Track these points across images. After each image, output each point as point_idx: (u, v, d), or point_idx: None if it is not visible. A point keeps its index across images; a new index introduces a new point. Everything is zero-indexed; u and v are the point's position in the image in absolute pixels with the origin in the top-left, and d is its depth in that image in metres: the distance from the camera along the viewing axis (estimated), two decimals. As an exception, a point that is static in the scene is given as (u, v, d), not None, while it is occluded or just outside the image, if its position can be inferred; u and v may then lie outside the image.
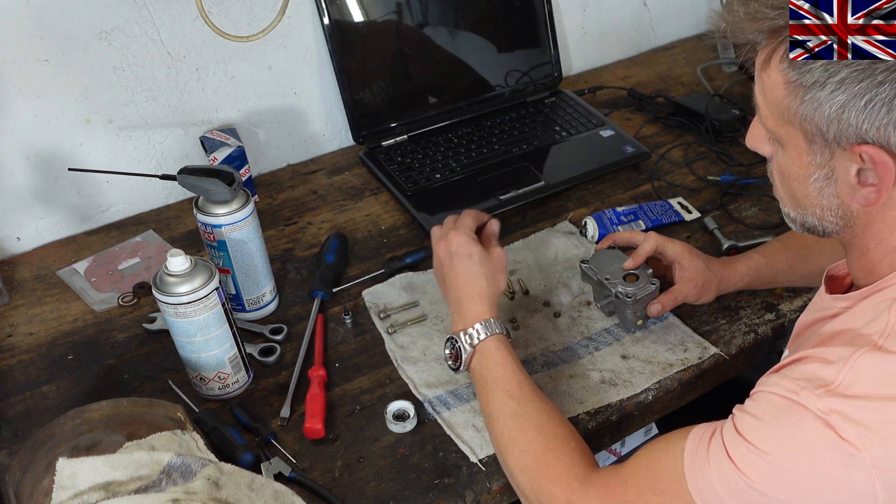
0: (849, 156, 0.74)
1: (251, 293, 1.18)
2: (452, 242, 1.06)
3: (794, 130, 0.77)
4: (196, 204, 1.12)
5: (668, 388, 1.09)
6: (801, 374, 0.74)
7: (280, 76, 1.47)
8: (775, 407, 0.74)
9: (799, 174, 0.79)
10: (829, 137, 0.74)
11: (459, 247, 1.06)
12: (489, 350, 1.00)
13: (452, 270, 1.05)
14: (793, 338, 0.96)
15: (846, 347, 0.73)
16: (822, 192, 0.78)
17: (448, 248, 1.06)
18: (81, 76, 1.29)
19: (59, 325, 1.22)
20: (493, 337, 1.00)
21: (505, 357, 0.99)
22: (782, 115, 0.77)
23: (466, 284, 1.03)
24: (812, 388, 0.72)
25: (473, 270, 1.04)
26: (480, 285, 1.03)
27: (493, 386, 0.97)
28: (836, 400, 0.70)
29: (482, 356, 1.00)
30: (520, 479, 0.91)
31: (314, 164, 1.55)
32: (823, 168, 0.77)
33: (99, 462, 0.85)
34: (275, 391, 1.11)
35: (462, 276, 1.04)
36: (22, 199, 1.33)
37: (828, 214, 0.80)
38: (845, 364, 0.71)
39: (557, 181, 1.43)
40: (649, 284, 1.12)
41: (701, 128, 1.55)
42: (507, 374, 0.98)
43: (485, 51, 1.58)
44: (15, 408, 1.10)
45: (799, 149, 0.78)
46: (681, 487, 0.78)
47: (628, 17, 1.82)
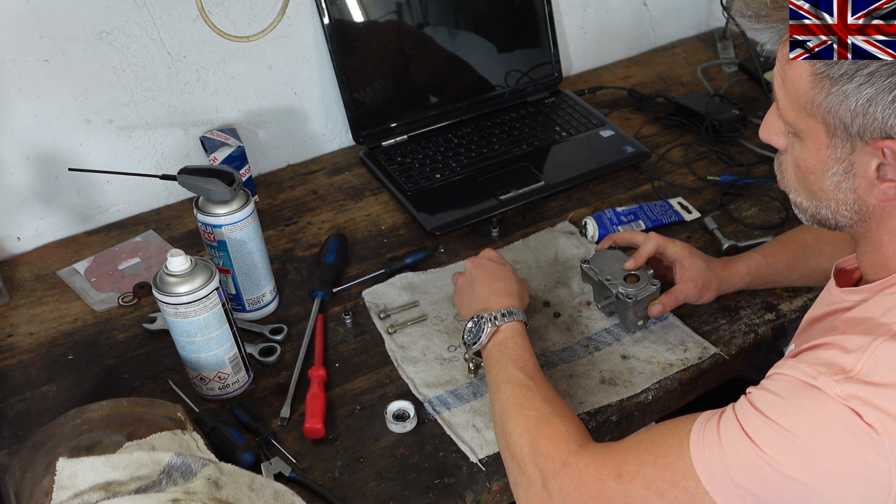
0: (870, 150, 0.73)
1: (251, 293, 1.18)
2: (486, 254, 1.16)
3: (816, 123, 0.76)
4: (196, 204, 1.12)
5: (668, 388, 1.09)
6: (819, 360, 0.73)
7: (280, 76, 1.47)
8: (794, 388, 0.73)
9: (817, 168, 0.78)
10: (852, 131, 0.73)
11: (495, 256, 1.13)
12: (511, 331, 1.03)
13: (486, 273, 1.09)
14: (799, 332, 0.95)
15: (864, 336, 0.73)
16: (839, 186, 0.78)
17: (479, 260, 1.13)
18: (81, 76, 1.29)
19: (59, 325, 1.22)
20: (517, 322, 1.04)
21: (524, 340, 1.02)
22: (804, 107, 0.76)
23: (499, 281, 1.07)
24: (831, 374, 0.71)
25: (508, 274, 1.11)
26: (512, 287, 1.08)
27: (507, 360, 0.99)
28: (856, 386, 0.70)
29: (503, 335, 1.02)
30: (519, 441, 0.91)
31: (314, 164, 1.55)
32: (843, 162, 0.76)
33: (99, 462, 0.85)
34: (275, 391, 1.11)
35: (496, 277, 1.08)
36: (22, 199, 1.33)
37: (843, 209, 0.79)
38: (864, 352, 0.71)
39: (557, 181, 1.43)
40: (650, 285, 1.12)
41: (701, 128, 1.55)
42: (523, 354, 1.00)
43: (485, 51, 1.58)
44: (15, 408, 1.10)
45: (819, 142, 0.77)
46: (684, 463, 0.77)
47: (628, 17, 1.82)
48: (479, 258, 1.16)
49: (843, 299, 0.86)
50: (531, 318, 1.19)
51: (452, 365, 1.12)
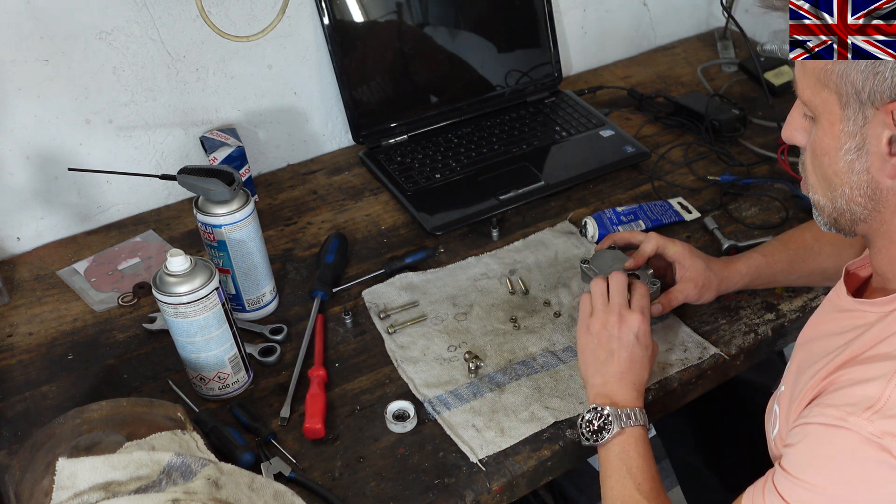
0: (881, 119, 0.73)
1: (251, 293, 1.18)
2: (636, 327, 1.03)
3: (830, 94, 0.75)
4: (196, 204, 1.12)
5: (668, 388, 1.09)
6: (843, 400, 0.73)
7: (280, 76, 1.47)
8: (823, 437, 0.73)
9: (830, 147, 0.78)
10: (863, 97, 0.73)
11: (644, 336, 1.03)
12: (635, 437, 0.97)
13: (628, 353, 1.02)
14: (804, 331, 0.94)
15: (889, 362, 0.72)
16: (852, 166, 0.77)
17: (630, 329, 1.03)
18: (81, 76, 1.29)
19: (59, 325, 1.22)
20: (641, 426, 0.99)
21: (647, 449, 0.97)
22: (819, 78, 0.76)
23: (633, 370, 1.01)
24: (859, 412, 0.70)
25: (645, 363, 1.03)
26: (643, 377, 1.03)
27: (627, 472, 0.95)
28: (888, 422, 0.69)
29: (626, 439, 0.97)
30: None
31: (314, 164, 1.55)
32: (855, 137, 0.75)
33: (99, 462, 0.85)
34: (275, 391, 1.11)
35: (635, 362, 1.02)
36: (22, 199, 1.33)
37: (857, 194, 0.78)
38: (891, 380, 0.70)
39: (557, 181, 1.43)
40: (650, 285, 1.12)
41: (701, 128, 1.55)
42: (644, 466, 0.96)
43: (485, 51, 1.58)
44: (15, 408, 1.10)
45: (833, 116, 0.76)
46: None
47: (628, 17, 1.82)
48: (628, 324, 1.03)
49: (857, 309, 0.84)
50: (531, 318, 1.19)
51: (452, 365, 1.12)
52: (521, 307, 1.21)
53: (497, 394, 1.08)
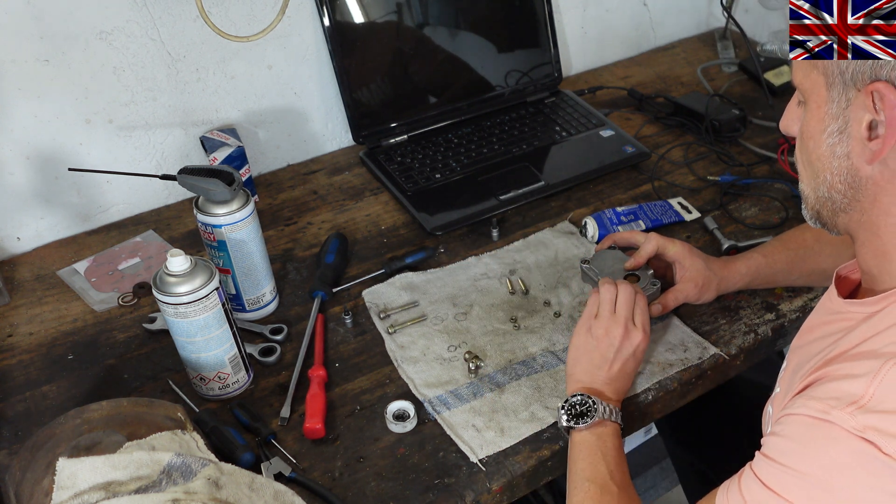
0: (862, 101, 0.73)
1: (251, 293, 1.18)
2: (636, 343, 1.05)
3: (818, 76, 0.76)
4: (196, 204, 1.12)
5: (668, 388, 1.09)
6: (828, 394, 0.73)
7: (280, 76, 1.47)
8: (807, 427, 0.73)
9: (815, 130, 0.78)
10: (846, 77, 0.73)
11: (641, 353, 1.06)
12: (614, 431, 0.99)
13: (621, 363, 1.04)
14: (797, 338, 0.95)
15: (873, 360, 0.72)
16: (833, 150, 0.77)
17: (631, 344, 1.05)
18: (81, 76, 1.29)
19: (59, 325, 1.22)
20: (618, 424, 1.01)
21: (621, 447, 1.00)
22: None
23: (621, 379, 1.04)
24: (843, 407, 0.70)
25: (633, 376, 1.07)
26: (627, 387, 1.06)
27: (601, 457, 0.96)
28: (871, 416, 0.69)
29: (605, 430, 0.99)
30: None
31: (314, 164, 1.55)
32: (838, 119, 0.76)
33: (99, 462, 0.85)
34: (275, 391, 1.11)
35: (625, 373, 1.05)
36: (22, 199, 1.33)
37: (837, 181, 0.78)
38: (874, 377, 0.70)
39: (557, 181, 1.43)
40: (650, 285, 1.12)
41: (701, 128, 1.55)
42: (618, 459, 0.97)
43: (485, 51, 1.58)
44: (15, 408, 1.10)
45: (819, 98, 0.77)
46: None
47: (628, 17, 1.82)
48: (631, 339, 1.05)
49: (844, 310, 0.84)
50: (531, 318, 1.19)
51: (452, 365, 1.12)
52: (521, 307, 1.21)
53: (497, 394, 1.08)
